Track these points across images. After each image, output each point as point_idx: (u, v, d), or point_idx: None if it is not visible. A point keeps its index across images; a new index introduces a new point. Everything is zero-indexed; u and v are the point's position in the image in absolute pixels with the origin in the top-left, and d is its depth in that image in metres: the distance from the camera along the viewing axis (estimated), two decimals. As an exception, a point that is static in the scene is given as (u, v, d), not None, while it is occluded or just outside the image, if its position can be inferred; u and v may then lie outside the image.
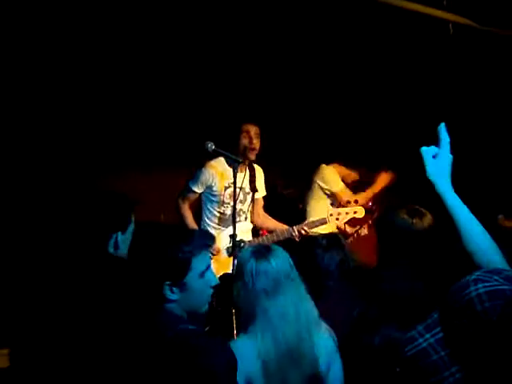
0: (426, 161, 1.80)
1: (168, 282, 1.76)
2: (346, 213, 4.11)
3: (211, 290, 1.87)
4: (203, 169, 4.02)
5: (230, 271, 3.71)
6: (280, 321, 1.97)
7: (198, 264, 1.81)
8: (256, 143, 4.04)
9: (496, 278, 1.36)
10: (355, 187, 4.96)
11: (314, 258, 2.65)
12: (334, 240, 2.81)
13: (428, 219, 2.58)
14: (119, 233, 2.32)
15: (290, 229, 4.04)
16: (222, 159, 4.01)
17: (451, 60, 5.00)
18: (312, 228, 4.09)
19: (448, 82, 5.31)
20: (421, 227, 2.46)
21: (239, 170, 3.86)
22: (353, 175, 4.91)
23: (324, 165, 4.89)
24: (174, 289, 1.76)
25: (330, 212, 4.10)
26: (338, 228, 4.79)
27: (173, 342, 1.62)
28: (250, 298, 2.03)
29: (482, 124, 5.43)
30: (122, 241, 2.31)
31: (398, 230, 2.48)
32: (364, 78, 5.63)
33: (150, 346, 1.65)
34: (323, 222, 4.10)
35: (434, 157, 1.80)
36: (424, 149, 1.81)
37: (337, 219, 4.10)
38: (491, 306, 1.30)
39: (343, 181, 4.85)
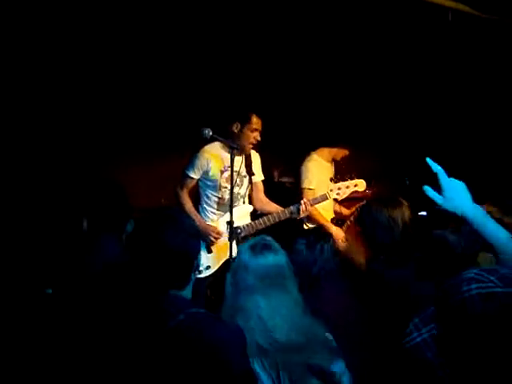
0: (440, 199, 1.74)
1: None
2: (347, 187, 4.06)
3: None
4: (198, 154, 3.99)
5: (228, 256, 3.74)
6: (269, 312, 1.92)
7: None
8: (259, 139, 4.04)
9: (492, 278, 1.35)
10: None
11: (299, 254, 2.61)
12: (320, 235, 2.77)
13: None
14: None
15: (291, 208, 3.98)
16: (216, 144, 3.99)
17: (450, 47, 4.98)
18: (314, 204, 4.04)
19: (447, 69, 5.29)
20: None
21: (234, 153, 3.81)
22: (341, 152, 4.74)
23: (310, 156, 4.72)
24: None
25: (330, 187, 4.06)
26: (335, 212, 4.76)
27: (184, 325, 1.59)
28: (241, 291, 1.99)
29: (481, 112, 5.42)
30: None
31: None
32: (362, 67, 5.61)
33: (158, 333, 1.61)
34: (324, 197, 4.05)
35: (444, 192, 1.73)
36: (430, 192, 1.74)
37: (337, 194, 4.06)
38: (483, 308, 1.30)
39: (334, 159, 4.74)
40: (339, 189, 4.03)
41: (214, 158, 4.00)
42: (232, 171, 3.60)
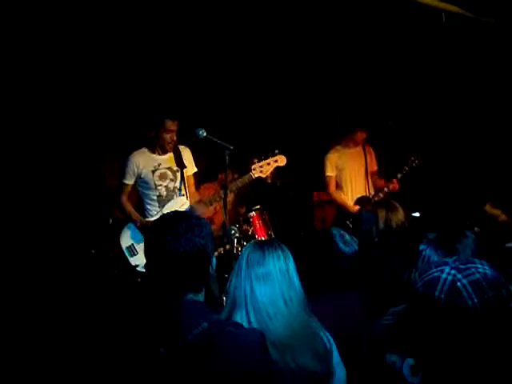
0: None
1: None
2: (268, 163, 4.22)
3: None
4: (127, 159, 4.24)
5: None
6: (267, 304, 1.97)
7: None
8: (175, 138, 4.23)
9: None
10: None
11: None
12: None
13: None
14: None
15: (220, 191, 4.17)
16: (143, 149, 4.26)
17: (444, 49, 5.00)
18: (240, 186, 4.22)
19: (441, 71, 5.31)
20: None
21: (160, 153, 4.24)
22: (360, 135, 5.13)
23: (333, 147, 5.28)
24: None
25: (253, 167, 4.21)
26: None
27: (209, 332, 1.54)
28: (242, 281, 2.03)
29: (475, 113, 5.44)
30: None
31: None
32: (357, 69, 5.63)
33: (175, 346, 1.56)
34: (248, 178, 4.19)
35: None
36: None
37: (261, 172, 4.20)
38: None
39: (360, 143, 5.18)
40: (261, 167, 4.20)
41: (144, 160, 4.24)
42: (225, 174, 3.79)
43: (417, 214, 5.46)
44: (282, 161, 4.26)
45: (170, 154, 4.30)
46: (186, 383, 1.51)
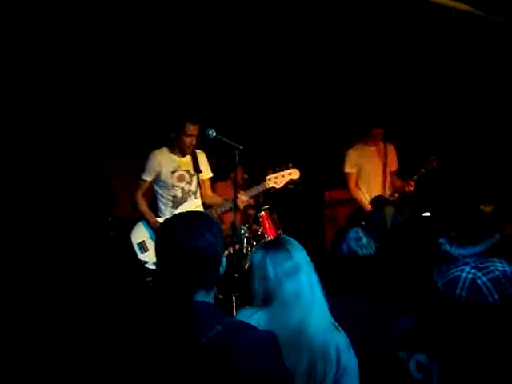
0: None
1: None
2: (282, 176, 4.33)
3: None
4: (149, 157, 4.31)
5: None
6: (295, 298, 2.01)
7: None
8: (195, 142, 4.29)
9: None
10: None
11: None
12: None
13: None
14: None
15: (229, 200, 4.26)
16: (164, 149, 4.33)
17: (453, 47, 4.98)
18: (253, 194, 4.32)
19: (450, 69, 5.29)
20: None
21: (179, 155, 4.30)
22: (376, 132, 5.12)
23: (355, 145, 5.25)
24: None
25: (268, 177, 4.31)
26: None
27: (222, 335, 1.53)
28: (271, 284, 2.06)
29: (484, 111, 5.42)
30: None
31: None
32: (366, 67, 5.62)
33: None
34: (263, 187, 4.31)
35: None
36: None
37: (275, 182, 4.31)
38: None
39: (379, 140, 5.14)
40: (276, 178, 4.33)
41: (165, 160, 4.31)
42: (235, 173, 3.91)
43: (427, 214, 5.44)
44: (295, 174, 4.37)
45: (189, 157, 4.37)
46: None
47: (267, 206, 4.85)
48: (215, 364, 1.48)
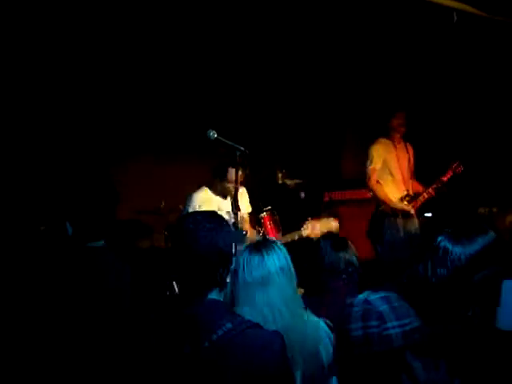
0: None
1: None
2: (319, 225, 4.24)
3: None
4: (191, 197, 4.39)
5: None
6: (267, 309, 1.99)
7: None
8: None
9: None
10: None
11: (322, 257, 2.64)
12: (342, 241, 2.82)
13: None
14: None
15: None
16: (205, 188, 4.42)
17: (455, 48, 4.97)
18: (288, 241, 4.18)
19: (453, 70, 5.28)
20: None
21: (221, 196, 4.37)
22: (397, 120, 4.96)
23: (378, 139, 5.04)
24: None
25: (305, 226, 4.20)
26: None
27: (232, 333, 1.58)
28: (239, 286, 2.04)
29: (485, 113, 5.41)
30: None
31: None
32: (368, 68, 5.61)
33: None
34: (299, 234, 4.21)
35: None
36: None
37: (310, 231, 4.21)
38: None
39: (397, 129, 4.94)
40: (313, 226, 4.19)
41: (206, 201, 4.37)
42: (237, 173, 3.73)
43: (429, 215, 5.44)
44: (335, 228, 4.22)
45: (228, 199, 4.38)
46: (209, 383, 1.54)
47: (269, 208, 4.84)
48: (225, 361, 1.53)
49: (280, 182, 6.19)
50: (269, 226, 4.73)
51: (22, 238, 4.17)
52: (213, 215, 1.76)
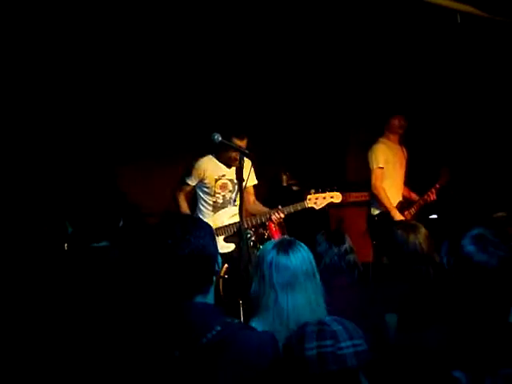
0: None
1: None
2: (324, 197, 4.31)
3: None
4: (195, 164, 4.38)
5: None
6: (293, 313, 1.98)
7: None
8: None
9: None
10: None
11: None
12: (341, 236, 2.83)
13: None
14: None
15: (270, 211, 4.28)
16: (210, 156, 4.39)
17: (459, 49, 4.97)
18: (291, 212, 4.28)
19: (456, 71, 5.28)
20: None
21: (229, 167, 4.36)
22: (396, 121, 4.96)
23: (377, 140, 5.00)
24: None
25: (309, 197, 4.28)
26: (403, 196, 5.01)
27: (223, 334, 1.57)
28: (266, 289, 2.04)
29: (488, 115, 5.39)
30: None
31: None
32: (371, 70, 5.61)
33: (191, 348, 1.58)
34: (301, 205, 4.29)
35: None
36: None
37: (315, 203, 4.29)
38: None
39: (397, 132, 4.92)
40: (316, 199, 4.29)
41: (210, 167, 4.38)
42: (241, 177, 3.73)
43: (434, 216, 5.43)
44: (337, 198, 4.33)
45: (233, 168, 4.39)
46: None
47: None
48: (215, 364, 1.51)
49: (285, 184, 6.21)
50: (273, 229, 4.73)
51: (25, 239, 4.20)
52: (185, 221, 1.75)
